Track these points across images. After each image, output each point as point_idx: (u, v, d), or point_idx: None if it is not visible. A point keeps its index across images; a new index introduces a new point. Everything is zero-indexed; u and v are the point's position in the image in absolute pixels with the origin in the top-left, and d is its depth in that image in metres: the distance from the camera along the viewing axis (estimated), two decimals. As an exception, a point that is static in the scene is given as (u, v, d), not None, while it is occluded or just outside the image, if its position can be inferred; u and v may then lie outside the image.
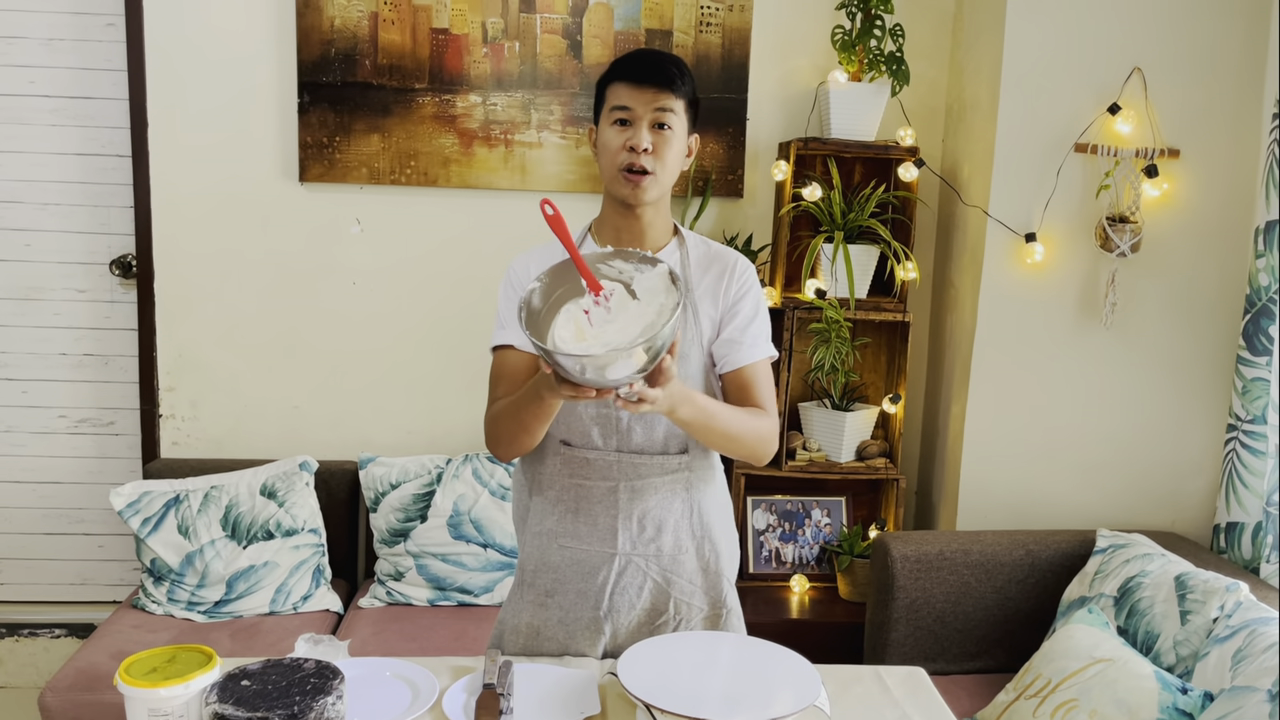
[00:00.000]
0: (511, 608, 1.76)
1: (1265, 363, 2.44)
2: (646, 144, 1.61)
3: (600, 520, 1.69)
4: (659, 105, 1.62)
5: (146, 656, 1.33)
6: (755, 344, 1.71)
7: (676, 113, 1.64)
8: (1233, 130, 2.63)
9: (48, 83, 2.93)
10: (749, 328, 1.70)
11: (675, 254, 1.71)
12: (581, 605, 1.71)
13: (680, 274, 1.60)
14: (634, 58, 1.66)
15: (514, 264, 1.74)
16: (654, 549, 1.70)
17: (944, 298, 2.99)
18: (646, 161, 1.61)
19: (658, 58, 1.65)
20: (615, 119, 1.64)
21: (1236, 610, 2.02)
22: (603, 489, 1.67)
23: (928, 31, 2.97)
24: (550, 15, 2.88)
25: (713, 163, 2.96)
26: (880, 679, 1.66)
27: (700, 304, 1.69)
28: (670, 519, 1.70)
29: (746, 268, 1.73)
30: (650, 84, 1.62)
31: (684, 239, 1.74)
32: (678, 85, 1.63)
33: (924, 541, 2.52)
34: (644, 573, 1.70)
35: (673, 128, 1.63)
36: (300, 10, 2.82)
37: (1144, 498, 2.77)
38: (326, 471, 2.87)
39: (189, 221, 2.92)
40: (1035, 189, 2.66)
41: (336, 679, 1.31)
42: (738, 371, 1.70)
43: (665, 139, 1.63)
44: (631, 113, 1.62)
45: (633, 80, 1.63)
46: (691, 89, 1.67)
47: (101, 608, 3.11)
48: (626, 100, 1.63)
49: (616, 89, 1.65)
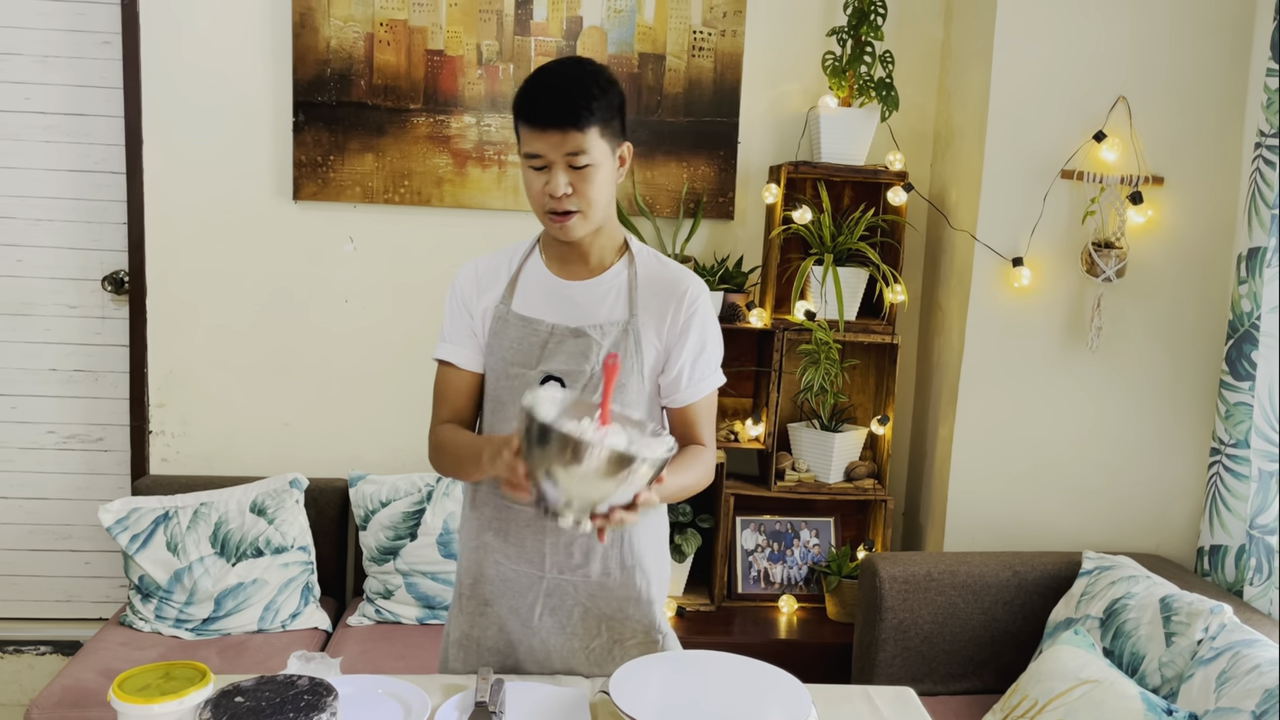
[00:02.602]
0: (453, 621, 1.75)
1: (1248, 388, 2.47)
2: (564, 190, 1.53)
3: (528, 544, 1.67)
4: (569, 150, 1.51)
5: (140, 672, 1.33)
6: (704, 379, 1.66)
7: (591, 149, 1.52)
8: (1216, 158, 2.67)
9: (42, 99, 2.94)
10: (697, 361, 1.65)
11: (624, 274, 1.66)
12: (514, 620, 1.70)
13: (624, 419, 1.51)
14: (535, 96, 1.52)
15: (459, 275, 1.71)
16: (581, 575, 1.68)
17: (932, 320, 3.02)
18: (569, 204, 1.55)
19: (559, 94, 1.51)
20: (529, 165, 1.55)
21: (1221, 632, 2.04)
22: (529, 514, 1.65)
23: (917, 58, 3.02)
24: (544, 38, 2.91)
25: (704, 185, 2.99)
26: (870, 699, 1.67)
27: (644, 330, 1.63)
28: (598, 548, 1.67)
29: (696, 295, 1.65)
30: (554, 128, 1.50)
31: (634, 257, 1.67)
32: (585, 120, 1.51)
33: (912, 562, 2.53)
34: (574, 597, 1.69)
35: (592, 162, 1.53)
36: (296, 30, 2.84)
37: (1129, 520, 2.80)
38: (316, 489, 2.87)
39: (182, 238, 2.93)
40: (1022, 214, 2.70)
41: (330, 696, 1.32)
42: (685, 408, 1.67)
43: (585, 176, 1.54)
44: (543, 158, 1.53)
45: (536, 126, 1.51)
46: (607, 107, 1.54)
47: (88, 625, 3.09)
48: (536, 147, 1.52)
49: (524, 131, 1.54)
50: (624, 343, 1.62)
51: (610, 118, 1.55)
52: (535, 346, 1.63)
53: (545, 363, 1.62)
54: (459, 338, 1.70)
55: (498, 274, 1.70)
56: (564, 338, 1.62)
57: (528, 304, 1.66)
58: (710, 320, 1.68)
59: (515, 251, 1.72)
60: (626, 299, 1.64)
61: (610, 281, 1.65)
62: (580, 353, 1.61)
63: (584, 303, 1.64)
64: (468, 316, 1.69)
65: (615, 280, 1.65)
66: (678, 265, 1.70)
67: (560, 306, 1.65)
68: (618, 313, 1.64)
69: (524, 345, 1.64)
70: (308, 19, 2.84)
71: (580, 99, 1.50)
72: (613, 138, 1.57)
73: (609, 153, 1.57)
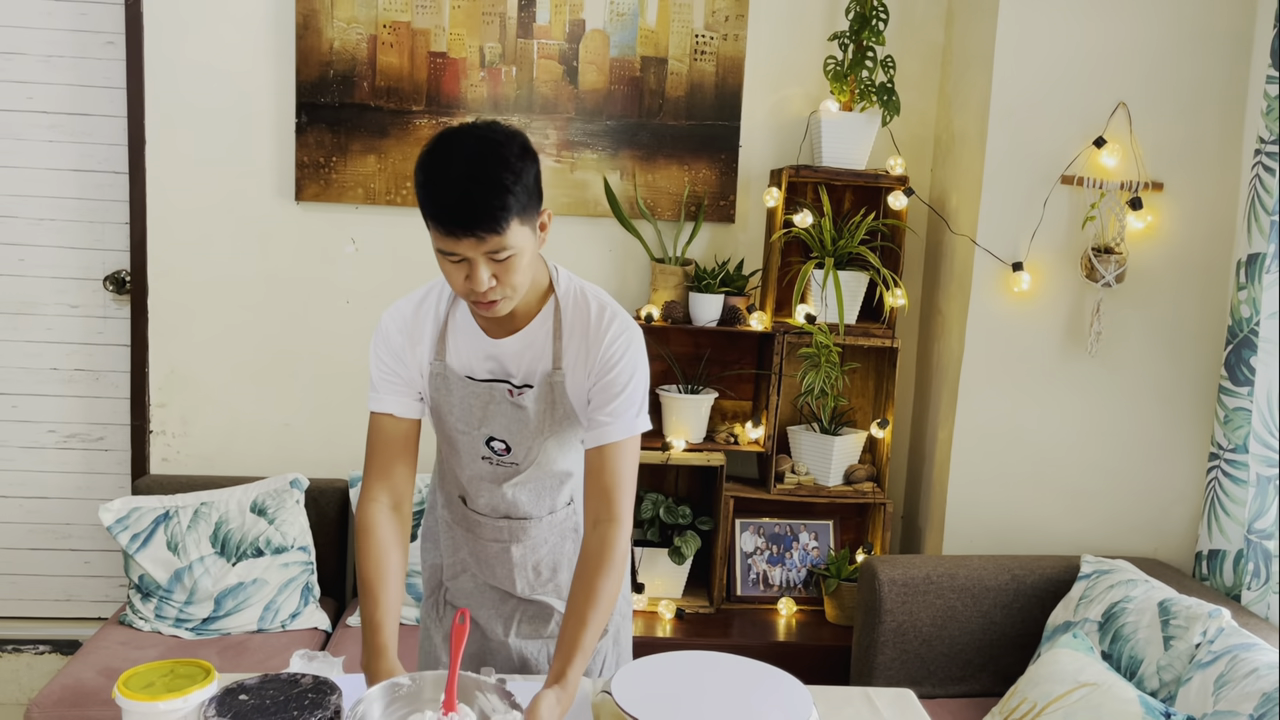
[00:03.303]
0: (425, 631, 1.81)
1: (1246, 393, 2.48)
2: (488, 284, 1.43)
3: (498, 570, 1.74)
4: (489, 250, 1.41)
5: (144, 670, 1.34)
6: (617, 423, 1.56)
7: (512, 242, 1.41)
8: (1215, 165, 2.68)
9: (46, 99, 2.95)
10: (612, 404, 1.56)
11: (547, 323, 1.59)
12: (490, 630, 1.77)
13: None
14: (444, 202, 1.38)
15: (386, 323, 1.62)
16: (552, 587, 1.75)
17: (932, 325, 3.03)
18: (494, 294, 1.46)
19: (470, 201, 1.37)
20: (445, 259, 1.44)
21: (1219, 636, 2.04)
22: (495, 548, 1.71)
23: (918, 64, 3.03)
24: (547, 41, 2.92)
25: (705, 188, 2.99)
26: (870, 700, 1.68)
27: (569, 379, 1.58)
28: (564, 560, 1.74)
29: (617, 337, 1.57)
30: (469, 235, 1.39)
31: (558, 301, 1.59)
32: (502, 223, 1.38)
33: (911, 565, 2.54)
34: (550, 606, 1.76)
35: (515, 252, 1.43)
36: (300, 32, 2.85)
37: (1128, 524, 2.80)
38: (317, 489, 2.88)
39: (183, 238, 2.94)
40: (1022, 219, 2.71)
41: (334, 694, 1.32)
42: (597, 450, 1.58)
43: (508, 266, 1.43)
44: (460, 256, 1.42)
45: (448, 233, 1.40)
46: (524, 194, 1.40)
47: (87, 624, 3.09)
48: (450, 248, 1.41)
49: (433, 230, 1.41)
50: (553, 395, 1.59)
51: (528, 202, 1.42)
52: (476, 409, 1.62)
53: (487, 425, 1.62)
54: (395, 387, 1.62)
55: (424, 325, 1.62)
56: (501, 402, 1.60)
57: (460, 360, 1.61)
58: (635, 361, 1.59)
59: (440, 299, 1.63)
60: (550, 351, 1.59)
61: (533, 334, 1.59)
62: (519, 419, 1.61)
63: (511, 359, 1.60)
64: (402, 365, 1.62)
65: (539, 332, 1.59)
66: (603, 304, 1.60)
67: (491, 364, 1.61)
68: (542, 364, 1.59)
69: (465, 406, 1.62)
70: (311, 21, 2.85)
71: (496, 202, 1.37)
72: (532, 215, 1.45)
73: (530, 233, 1.46)
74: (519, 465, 1.64)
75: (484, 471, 1.66)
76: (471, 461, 1.67)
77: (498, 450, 1.63)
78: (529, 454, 1.63)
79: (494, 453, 1.64)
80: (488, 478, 1.67)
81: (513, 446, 1.62)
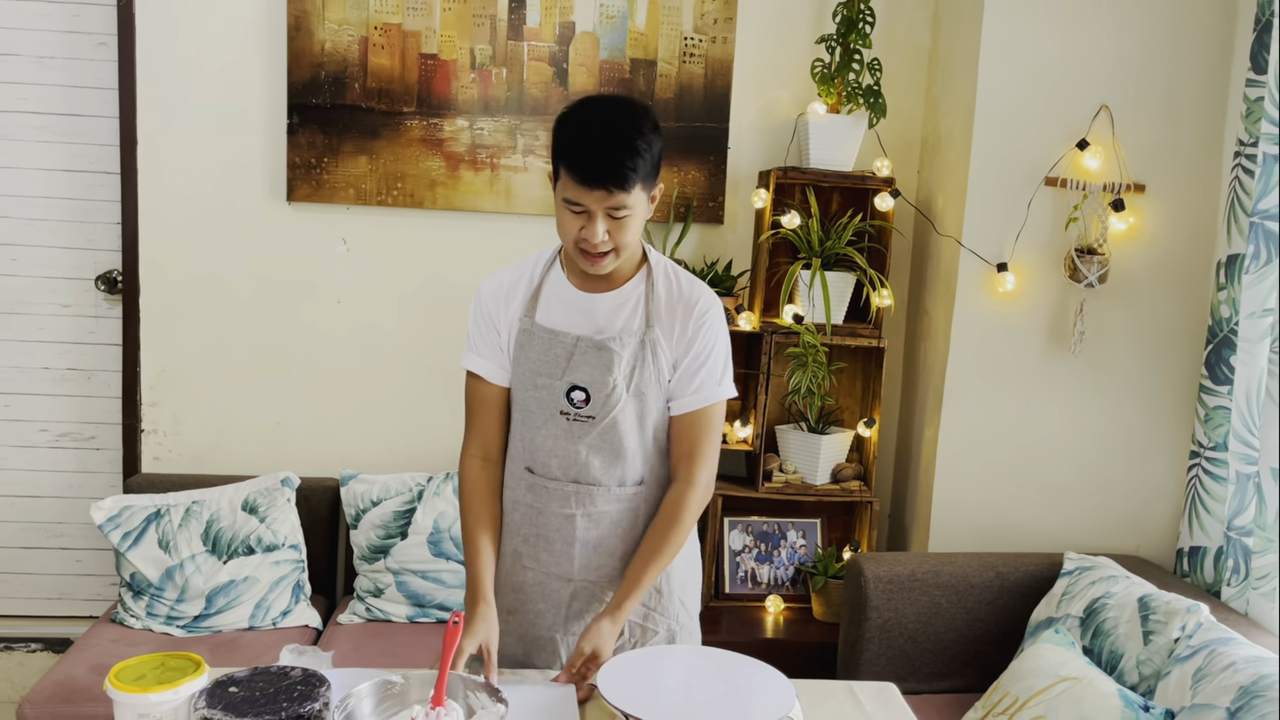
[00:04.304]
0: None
1: (1226, 392, 2.52)
2: (602, 238, 1.58)
3: (557, 545, 1.74)
4: (612, 205, 1.57)
5: (136, 663, 1.36)
6: (702, 389, 1.71)
7: (632, 203, 1.58)
8: (1196, 167, 2.72)
9: (38, 99, 2.96)
10: (700, 371, 1.70)
11: (641, 287, 1.71)
12: (539, 624, 1.77)
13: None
14: (586, 150, 1.55)
15: (483, 288, 1.77)
16: (608, 572, 1.75)
17: (918, 325, 3.06)
18: (604, 247, 1.60)
19: (611, 153, 1.54)
20: (567, 208, 1.59)
21: (1197, 631, 2.08)
22: (560, 516, 1.72)
23: (904, 67, 3.06)
24: (537, 43, 2.95)
25: (694, 190, 3.02)
26: (853, 694, 1.71)
27: (659, 341, 1.70)
28: (623, 545, 1.75)
29: (707, 308, 1.71)
30: (600, 187, 1.55)
31: (651, 271, 1.73)
32: (632, 180, 1.56)
33: (896, 563, 2.57)
34: (599, 597, 1.75)
35: (631, 213, 1.59)
36: (291, 34, 2.87)
37: (1110, 522, 2.84)
38: (308, 488, 2.89)
39: (175, 238, 2.95)
40: (1007, 220, 2.74)
41: (323, 687, 1.34)
42: (682, 416, 1.72)
43: (623, 225, 1.59)
44: (584, 207, 1.58)
45: (582, 181, 1.55)
46: (651, 162, 1.58)
47: (79, 623, 3.10)
48: (577, 197, 1.57)
49: (567, 179, 1.57)
50: (641, 353, 1.68)
51: (651, 171, 1.60)
52: (561, 358, 1.69)
53: (571, 374, 1.69)
54: (485, 351, 1.75)
55: (518, 287, 1.75)
56: (587, 350, 1.68)
57: (550, 316, 1.72)
58: (716, 333, 1.72)
59: (536, 264, 1.77)
60: (644, 311, 1.70)
61: (628, 294, 1.71)
62: (604, 364, 1.68)
63: (604, 314, 1.70)
64: (494, 332, 1.74)
65: (633, 293, 1.71)
66: (691, 278, 1.76)
67: (581, 318, 1.71)
68: (635, 324, 1.70)
69: (550, 356, 1.69)
70: (303, 22, 2.87)
71: (629, 162, 1.54)
72: (651, 184, 1.62)
73: (645, 199, 1.62)
74: (595, 419, 1.68)
75: (559, 429, 1.70)
76: (548, 420, 1.70)
77: (576, 402, 1.68)
78: (607, 404, 1.67)
79: (572, 405, 1.69)
80: (563, 436, 1.70)
81: (593, 396, 1.68)
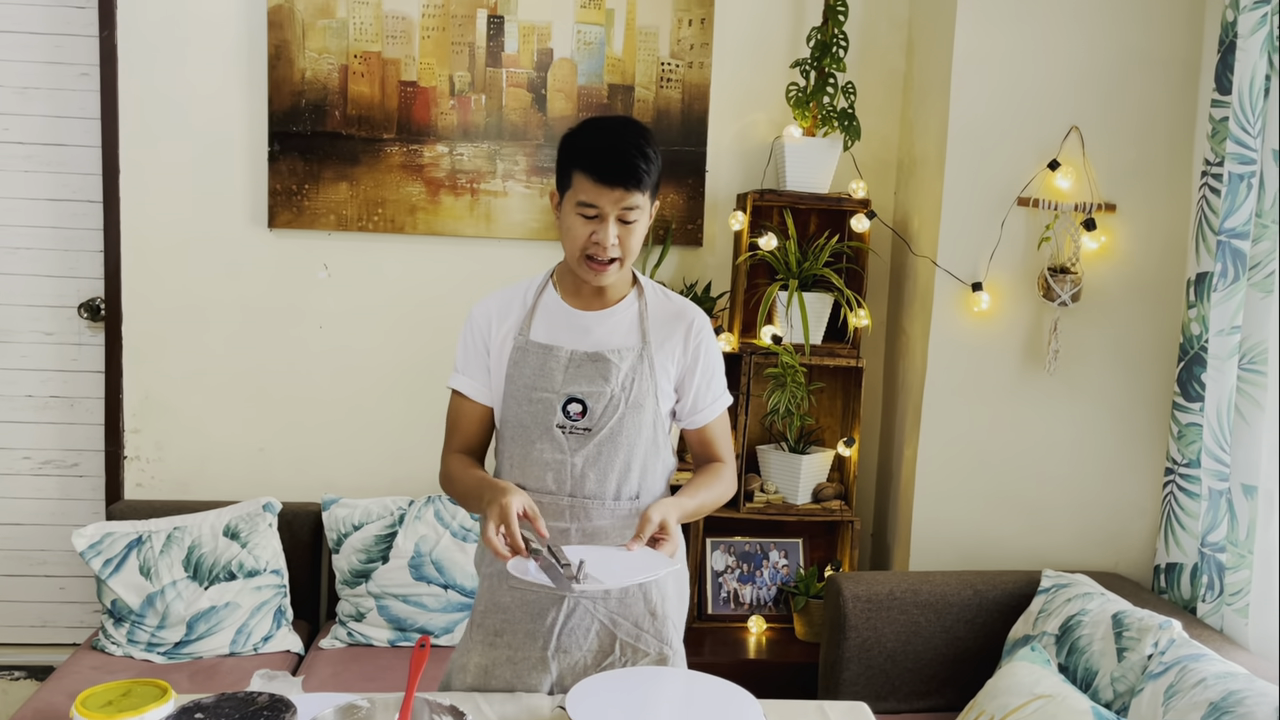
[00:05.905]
0: (463, 647, 1.80)
1: (1198, 408, 2.54)
2: (613, 241, 1.64)
3: None
4: (626, 204, 1.63)
5: (102, 690, 1.37)
6: (715, 401, 1.82)
7: (643, 205, 1.65)
8: (1165, 186, 2.75)
9: (21, 130, 2.99)
10: (709, 386, 1.80)
11: (634, 306, 1.77)
12: (530, 645, 1.76)
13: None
14: (601, 151, 1.62)
15: (474, 310, 1.80)
16: (601, 590, 1.74)
17: (896, 344, 3.08)
18: (613, 252, 1.66)
19: (625, 154, 1.61)
20: (579, 213, 1.65)
21: (1170, 647, 2.09)
22: (553, 531, 1.71)
23: (879, 89, 3.10)
24: (516, 70, 2.98)
25: (673, 212, 3.05)
26: (824, 713, 1.71)
27: (656, 357, 1.74)
28: None
29: (704, 324, 1.79)
30: (618, 186, 1.62)
31: (643, 290, 1.79)
32: (645, 181, 1.63)
33: (875, 582, 2.58)
34: (592, 614, 1.76)
35: (640, 218, 1.66)
36: (272, 62, 2.90)
37: (1089, 539, 2.85)
38: (290, 513, 2.90)
39: (157, 265, 2.97)
40: (981, 240, 2.77)
41: (289, 712, 1.35)
42: (701, 429, 1.83)
43: (631, 230, 1.66)
44: (598, 210, 1.63)
45: (599, 180, 1.61)
46: (658, 172, 1.67)
47: (61, 650, 3.10)
48: (592, 198, 1.62)
49: (582, 181, 1.63)
50: (639, 367, 1.72)
51: (656, 180, 1.68)
52: (557, 370, 1.72)
53: (567, 385, 1.71)
54: (472, 371, 1.78)
55: (512, 307, 1.78)
56: (583, 362, 1.71)
57: (545, 333, 1.75)
58: (713, 347, 1.81)
59: (529, 286, 1.81)
60: (639, 328, 1.74)
61: (623, 313, 1.76)
62: (600, 375, 1.71)
63: (599, 330, 1.74)
64: (483, 352, 1.77)
65: (628, 311, 1.76)
66: (681, 298, 1.83)
67: (576, 334, 1.74)
68: (632, 339, 1.74)
69: (545, 370, 1.72)
70: (283, 51, 2.90)
71: (643, 162, 1.62)
72: (654, 195, 1.70)
73: (650, 208, 1.70)
74: (592, 431, 1.70)
75: (555, 443, 1.72)
76: (543, 434, 1.72)
77: (573, 415, 1.71)
78: (604, 416, 1.70)
79: (569, 418, 1.71)
80: (558, 449, 1.72)
81: (590, 408, 1.70)
